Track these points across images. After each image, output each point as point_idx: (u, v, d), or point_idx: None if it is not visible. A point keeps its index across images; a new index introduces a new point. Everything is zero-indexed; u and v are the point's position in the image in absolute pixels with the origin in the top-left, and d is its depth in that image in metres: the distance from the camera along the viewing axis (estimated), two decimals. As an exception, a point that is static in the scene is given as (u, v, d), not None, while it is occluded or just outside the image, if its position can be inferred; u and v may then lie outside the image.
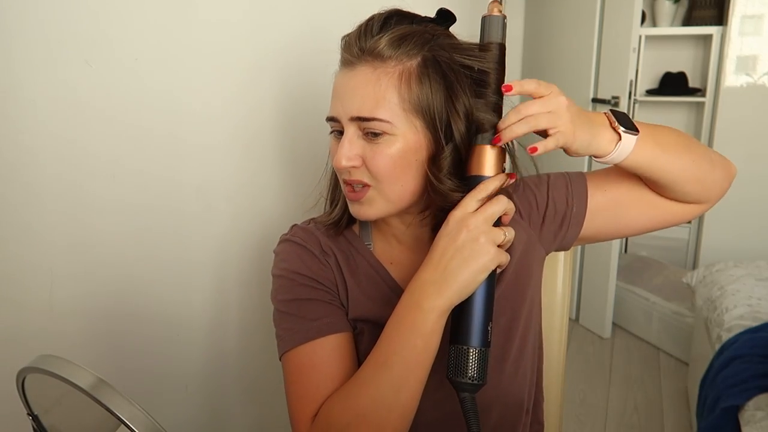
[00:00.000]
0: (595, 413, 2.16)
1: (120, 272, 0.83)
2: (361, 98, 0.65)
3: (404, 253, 0.78)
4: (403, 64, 0.65)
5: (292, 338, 0.72)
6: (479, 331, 0.64)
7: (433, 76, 0.65)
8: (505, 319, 0.77)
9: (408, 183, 0.68)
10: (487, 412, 0.77)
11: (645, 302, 2.64)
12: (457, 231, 0.63)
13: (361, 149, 0.67)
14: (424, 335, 0.63)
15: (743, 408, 1.42)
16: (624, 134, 0.66)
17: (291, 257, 0.76)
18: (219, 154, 0.97)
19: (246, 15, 0.97)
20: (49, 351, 0.48)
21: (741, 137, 2.56)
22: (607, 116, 0.67)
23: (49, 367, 0.45)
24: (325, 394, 0.69)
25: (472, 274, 0.62)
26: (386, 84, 0.65)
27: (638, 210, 0.77)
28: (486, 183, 0.65)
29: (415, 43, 0.65)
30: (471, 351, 0.63)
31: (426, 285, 0.63)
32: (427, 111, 0.66)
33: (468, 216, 0.63)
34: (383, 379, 0.64)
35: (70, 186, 0.74)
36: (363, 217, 0.71)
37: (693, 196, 0.74)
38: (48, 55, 0.69)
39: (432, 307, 0.63)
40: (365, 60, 0.66)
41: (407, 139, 0.66)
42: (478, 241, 0.62)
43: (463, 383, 0.63)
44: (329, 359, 0.71)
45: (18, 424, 0.59)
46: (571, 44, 2.68)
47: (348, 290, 0.76)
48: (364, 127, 0.66)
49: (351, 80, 0.67)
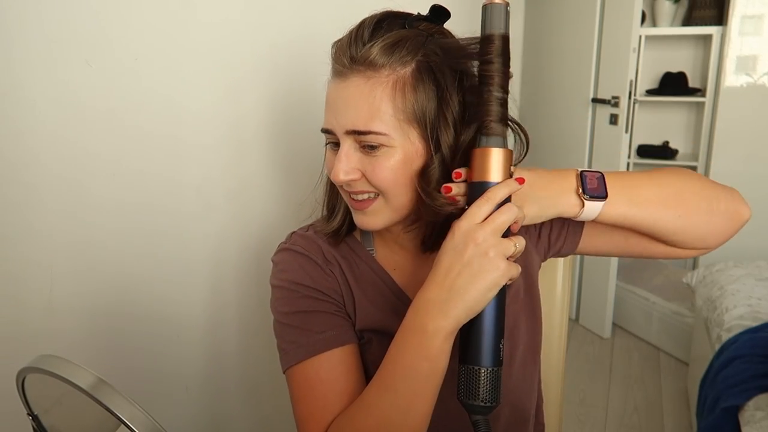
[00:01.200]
0: (595, 413, 2.16)
1: (120, 271, 0.83)
2: (355, 111, 0.63)
3: (407, 259, 0.76)
4: (396, 72, 0.62)
5: (297, 352, 0.70)
6: (490, 350, 0.60)
7: (427, 83, 0.63)
8: (511, 324, 0.76)
9: (411, 192, 0.66)
10: (496, 418, 0.76)
11: (645, 302, 2.64)
12: (464, 245, 0.58)
13: (358, 162, 0.65)
14: (430, 358, 0.59)
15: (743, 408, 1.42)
16: (588, 201, 0.64)
17: (292, 267, 0.73)
18: (219, 154, 0.97)
19: (245, 15, 0.97)
20: (49, 350, 0.48)
21: (741, 137, 2.56)
22: (576, 179, 0.65)
23: (49, 367, 0.45)
24: (334, 410, 0.67)
25: (481, 292, 0.58)
26: (380, 95, 0.62)
27: (636, 240, 0.74)
28: (493, 190, 0.60)
29: (408, 49, 0.63)
30: (482, 372, 0.59)
31: (430, 305, 0.59)
32: (421, 119, 0.63)
33: (475, 228, 0.58)
34: (389, 403, 0.62)
35: (70, 185, 0.74)
36: (368, 227, 0.69)
37: (684, 245, 0.71)
38: (48, 55, 0.69)
39: (437, 329, 0.59)
40: (357, 70, 0.63)
41: (405, 149, 0.64)
42: (487, 256, 0.57)
43: (474, 406, 0.60)
44: (337, 374, 0.69)
45: (18, 424, 0.59)
46: (571, 44, 2.68)
47: (355, 300, 0.74)
48: (361, 140, 0.64)
49: (343, 92, 0.64)
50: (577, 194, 0.64)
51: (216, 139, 0.96)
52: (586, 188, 0.64)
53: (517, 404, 0.78)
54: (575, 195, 0.65)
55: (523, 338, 0.78)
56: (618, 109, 2.43)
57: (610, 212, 0.65)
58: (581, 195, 0.64)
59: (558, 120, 2.83)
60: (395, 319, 0.65)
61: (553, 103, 2.87)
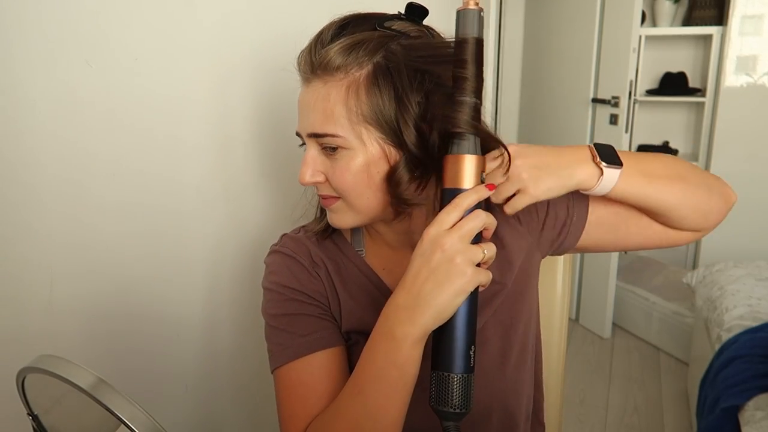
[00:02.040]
0: (595, 413, 2.16)
1: (120, 271, 0.83)
2: (314, 114, 0.64)
3: (397, 259, 0.76)
4: (350, 74, 0.63)
5: (283, 354, 0.71)
6: (461, 356, 0.59)
7: (383, 85, 0.62)
8: (505, 326, 0.76)
9: (374, 195, 0.66)
10: (487, 418, 0.76)
11: (645, 302, 2.64)
12: (432, 251, 0.58)
13: (322, 165, 0.67)
14: (398, 365, 0.59)
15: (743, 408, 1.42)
16: (606, 169, 0.64)
17: (280, 269, 0.75)
18: (218, 154, 0.97)
19: (245, 15, 0.97)
20: (49, 350, 0.48)
21: (741, 137, 2.56)
22: (590, 150, 0.66)
23: (49, 367, 0.45)
24: (313, 413, 0.68)
25: (448, 298, 0.57)
26: (334, 98, 0.63)
27: (637, 228, 0.75)
28: (462, 197, 0.59)
29: (366, 50, 0.62)
30: (453, 378, 0.59)
31: (399, 311, 0.59)
32: (379, 122, 0.63)
33: (443, 234, 0.58)
34: (359, 407, 0.62)
35: (70, 185, 0.74)
36: (337, 226, 0.71)
37: (688, 224, 0.73)
38: (48, 55, 0.69)
39: (405, 335, 0.58)
40: (317, 74, 0.64)
41: (366, 152, 0.64)
42: (454, 262, 0.57)
43: (446, 412, 0.59)
44: (319, 376, 0.70)
45: (18, 424, 0.59)
46: (571, 44, 2.68)
47: (341, 302, 0.74)
48: (320, 142, 0.65)
49: (305, 96, 0.66)
50: (594, 163, 0.65)
51: (216, 139, 0.96)
52: (603, 156, 0.65)
53: (509, 406, 0.78)
54: (592, 164, 0.65)
55: (519, 339, 0.78)
56: (618, 109, 2.43)
57: (623, 185, 0.66)
58: (599, 163, 0.64)
59: (558, 120, 2.83)
60: None
61: (553, 103, 2.87)
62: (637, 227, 0.75)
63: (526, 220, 0.77)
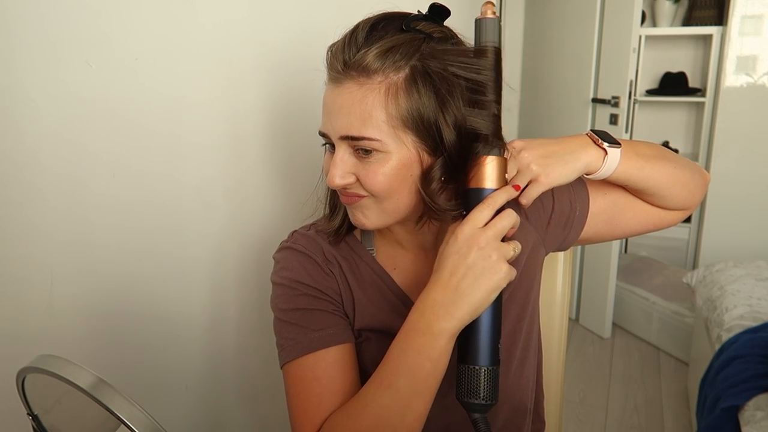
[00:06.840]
0: (595, 413, 2.16)
1: (120, 270, 0.83)
2: (348, 117, 0.63)
3: (408, 259, 0.77)
4: (389, 78, 0.62)
5: (294, 348, 0.71)
6: (489, 349, 0.62)
7: (422, 87, 0.62)
8: (511, 322, 0.77)
9: (404, 197, 0.67)
10: (494, 415, 0.77)
11: (645, 302, 2.63)
12: (468, 248, 0.60)
13: (353, 167, 0.66)
14: (433, 359, 0.61)
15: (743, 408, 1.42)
16: (609, 149, 0.70)
17: (293, 265, 0.74)
18: (219, 153, 0.97)
19: (246, 15, 0.97)
20: (49, 349, 0.48)
21: (741, 137, 2.56)
22: (590, 135, 0.71)
23: (49, 367, 0.45)
24: (328, 408, 0.68)
25: (485, 294, 0.60)
26: (372, 101, 0.62)
27: (632, 213, 0.80)
28: (494, 196, 0.63)
29: (402, 54, 0.62)
30: (482, 371, 0.61)
31: (436, 307, 0.61)
32: (417, 124, 0.63)
33: (478, 232, 0.61)
34: (388, 400, 0.63)
35: (70, 185, 0.74)
36: (362, 226, 0.70)
37: (677, 202, 0.78)
38: (48, 55, 0.69)
39: (442, 330, 0.60)
40: (350, 76, 0.63)
41: (400, 155, 0.64)
42: (491, 259, 0.60)
43: (474, 404, 0.62)
44: (332, 371, 0.70)
45: (18, 424, 0.59)
46: (571, 44, 2.68)
47: (354, 299, 0.75)
48: (354, 145, 0.65)
49: (338, 98, 0.64)
50: (597, 145, 0.70)
51: (216, 138, 0.96)
52: (602, 138, 0.70)
53: (515, 401, 0.79)
54: (595, 147, 0.70)
55: (523, 336, 0.78)
56: (618, 109, 2.43)
57: (623, 166, 0.71)
58: (601, 144, 0.70)
59: (558, 120, 2.83)
60: (395, 319, 0.66)
61: (553, 103, 2.87)
62: (632, 212, 0.80)
63: (533, 216, 0.78)
